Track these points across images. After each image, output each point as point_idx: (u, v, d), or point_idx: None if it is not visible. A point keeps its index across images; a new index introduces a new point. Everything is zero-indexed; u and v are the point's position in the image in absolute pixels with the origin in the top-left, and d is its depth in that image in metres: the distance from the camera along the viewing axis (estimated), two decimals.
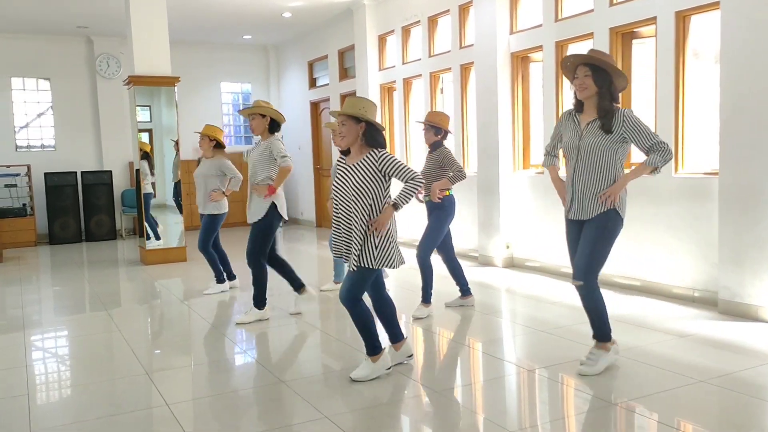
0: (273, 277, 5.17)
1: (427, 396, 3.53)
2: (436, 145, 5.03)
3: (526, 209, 6.94)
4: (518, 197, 7.05)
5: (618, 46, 5.81)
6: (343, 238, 3.63)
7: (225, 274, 6.36)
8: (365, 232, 3.55)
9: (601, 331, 3.72)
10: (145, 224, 8.53)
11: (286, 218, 5.08)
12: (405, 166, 3.59)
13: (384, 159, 3.57)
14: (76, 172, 10.89)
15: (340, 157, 3.82)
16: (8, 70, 10.83)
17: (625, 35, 5.80)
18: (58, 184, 10.70)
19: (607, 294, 5.59)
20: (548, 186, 6.61)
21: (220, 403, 3.49)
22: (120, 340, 4.83)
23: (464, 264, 7.51)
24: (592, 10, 5.99)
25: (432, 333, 4.83)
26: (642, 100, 5.80)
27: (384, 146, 3.66)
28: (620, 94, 3.63)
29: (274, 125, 5.00)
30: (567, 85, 6.47)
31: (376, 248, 3.57)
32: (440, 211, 5.03)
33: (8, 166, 10.54)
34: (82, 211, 10.94)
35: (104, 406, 3.51)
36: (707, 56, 5.46)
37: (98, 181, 10.99)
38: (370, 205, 3.56)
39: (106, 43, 11.29)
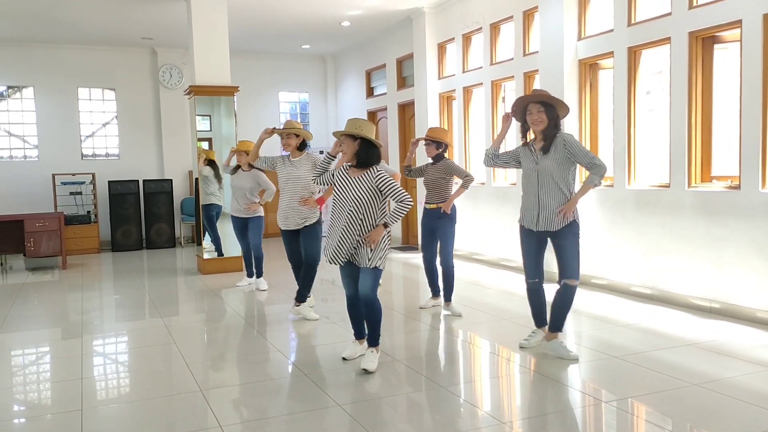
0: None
1: (491, 429, 3.29)
2: (438, 158, 5.53)
3: (592, 223, 6.60)
4: (583, 211, 6.70)
5: (698, 51, 5.43)
6: (336, 241, 3.96)
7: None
8: (363, 238, 3.95)
9: (558, 323, 4.37)
10: (208, 236, 8.52)
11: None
12: (398, 188, 3.95)
13: (380, 178, 3.96)
14: (138, 180, 11.09)
15: (346, 165, 4.13)
16: (75, 81, 11.15)
17: (705, 40, 5.42)
18: (121, 192, 10.93)
19: (683, 316, 5.30)
20: (617, 200, 6.27)
21: (272, 427, 3.34)
22: (176, 353, 4.77)
23: None
24: (669, 14, 5.63)
25: (493, 353, 4.58)
26: (724, 110, 5.40)
27: (377, 162, 4.02)
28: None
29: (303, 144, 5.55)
30: (641, 93, 6.13)
31: (382, 251, 4.03)
32: (450, 220, 5.53)
33: (74, 174, 10.81)
34: (143, 218, 11.14)
35: (157, 425, 3.41)
36: None
37: (159, 190, 11.17)
38: (367, 217, 3.96)
39: (169, 54, 11.50)
